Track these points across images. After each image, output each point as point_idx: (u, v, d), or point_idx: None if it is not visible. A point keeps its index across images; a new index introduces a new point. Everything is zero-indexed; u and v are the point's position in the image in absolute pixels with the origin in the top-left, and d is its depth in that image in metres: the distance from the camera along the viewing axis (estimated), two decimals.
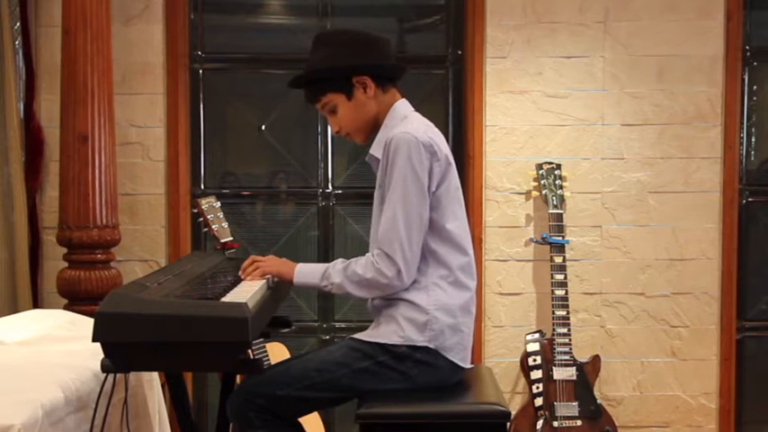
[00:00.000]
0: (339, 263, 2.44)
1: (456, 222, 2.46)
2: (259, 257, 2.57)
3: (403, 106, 2.55)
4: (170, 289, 2.30)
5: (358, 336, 2.47)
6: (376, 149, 2.51)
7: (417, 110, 2.60)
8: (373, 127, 2.55)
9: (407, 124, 2.45)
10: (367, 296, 2.47)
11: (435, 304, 2.41)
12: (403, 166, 2.36)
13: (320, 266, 2.47)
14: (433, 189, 2.41)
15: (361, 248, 2.65)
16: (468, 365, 2.50)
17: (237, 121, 4.24)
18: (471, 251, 2.51)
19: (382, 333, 2.43)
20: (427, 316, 2.40)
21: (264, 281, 2.48)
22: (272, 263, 2.54)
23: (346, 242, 4.17)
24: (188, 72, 4.08)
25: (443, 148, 2.47)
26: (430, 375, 2.42)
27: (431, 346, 2.40)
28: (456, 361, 2.44)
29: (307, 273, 2.48)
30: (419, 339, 2.40)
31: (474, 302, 2.51)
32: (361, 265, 2.39)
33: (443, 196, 2.43)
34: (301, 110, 4.21)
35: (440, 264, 2.43)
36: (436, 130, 2.51)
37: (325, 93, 2.52)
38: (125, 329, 2.08)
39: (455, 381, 2.48)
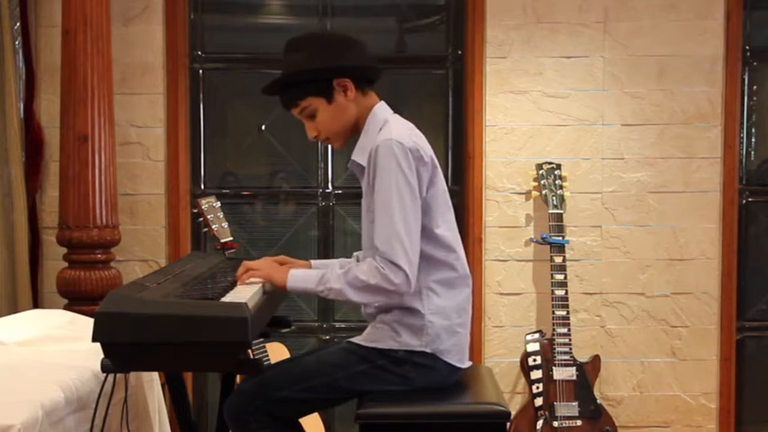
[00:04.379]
0: (336, 268, 2.39)
1: (445, 225, 2.43)
2: (252, 264, 2.49)
3: (382, 110, 2.50)
4: (170, 289, 2.30)
5: (355, 340, 2.47)
6: (359, 156, 2.46)
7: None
8: (353, 131, 2.50)
9: (390, 129, 2.40)
10: (369, 302, 2.41)
11: (430, 309, 2.39)
12: (393, 172, 2.31)
13: (315, 271, 2.41)
14: (423, 194, 2.37)
15: (361, 248, 2.64)
16: (465, 365, 2.49)
17: (237, 121, 4.24)
18: (462, 250, 2.48)
19: (379, 338, 2.42)
20: (423, 321, 2.39)
21: (260, 285, 2.45)
22: (264, 270, 2.46)
23: (346, 242, 4.17)
24: (188, 72, 4.08)
25: (428, 151, 2.42)
26: (428, 378, 2.42)
27: (428, 350, 2.39)
28: (453, 363, 2.44)
29: (301, 277, 2.40)
30: (416, 344, 2.39)
31: (469, 300, 2.50)
32: (363, 271, 2.32)
33: (432, 200, 2.40)
34: None
35: (433, 267, 2.41)
36: (419, 132, 2.46)
37: (303, 96, 2.44)
38: (125, 329, 2.08)
39: (454, 381, 2.48)
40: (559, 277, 3.81)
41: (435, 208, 2.41)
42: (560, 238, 3.85)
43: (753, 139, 4.17)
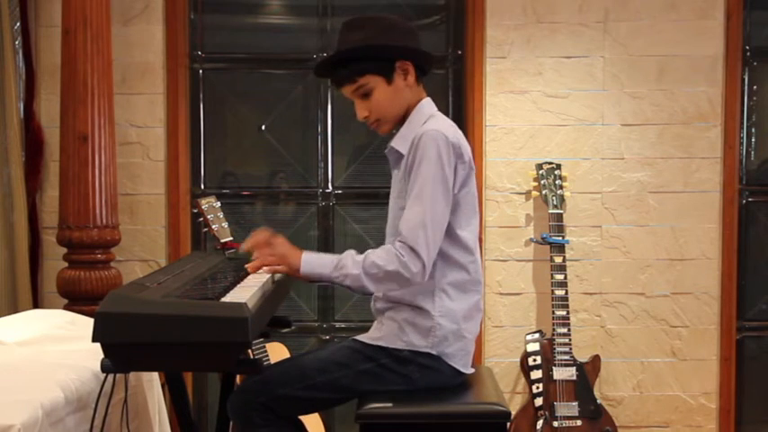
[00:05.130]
0: (353, 253, 2.34)
1: (469, 228, 2.43)
2: (264, 246, 2.37)
3: (429, 105, 2.50)
4: (170, 289, 2.30)
5: (360, 338, 2.46)
6: (399, 143, 2.44)
7: None
8: (402, 118, 2.48)
9: (436, 122, 2.40)
10: (382, 290, 2.39)
11: (441, 310, 2.39)
12: (433, 163, 2.30)
13: (329, 256, 2.35)
14: (455, 191, 2.37)
15: (361, 248, 2.63)
16: (469, 371, 2.49)
17: (237, 121, 4.24)
18: (479, 255, 2.49)
19: (385, 336, 2.41)
20: (432, 322, 2.38)
21: (261, 284, 2.43)
22: (278, 254, 2.35)
23: (346, 242, 4.17)
24: (188, 72, 4.08)
25: (468, 152, 2.42)
26: (431, 379, 2.42)
27: (433, 352, 2.39)
28: (458, 367, 2.44)
29: (316, 263, 2.33)
30: (422, 345, 2.39)
31: (480, 307, 2.49)
32: (381, 257, 2.29)
33: (462, 200, 2.39)
34: (301, 110, 4.22)
35: (449, 268, 2.40)
36: (461, 134, 2.46)
37: (364, 74, 2.40)
38: (125, 329, 2.07)
39: (456, 384, 2.48)
40: (559, 277, 3.81)
41: (463, 208, 2.40)
42: (560, 238, 3.85)
43: (753, 139, 4.17)
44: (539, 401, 3.77)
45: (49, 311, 3.29)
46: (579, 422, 3.76)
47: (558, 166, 3.91)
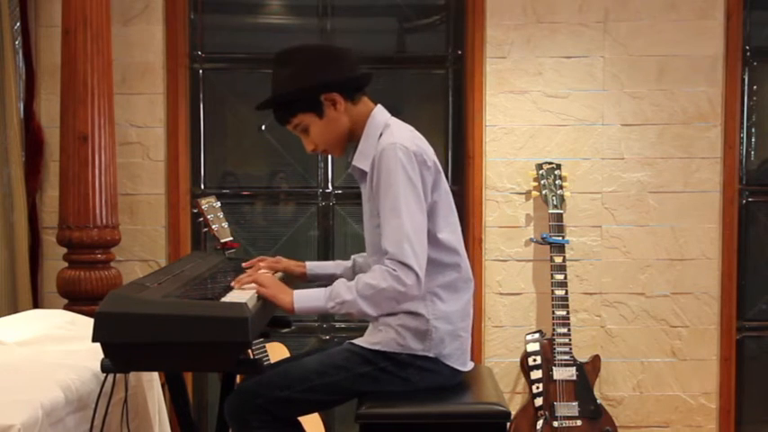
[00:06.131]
0: (344, 281, 2.35)
1: (448, 228, 2.43)
2: (260, 278, 2.40)
3: (381, 114, 2.49)
4: (170, 289, 2.30)
5: (357, 341, 2.46)
6: (360, 161, 2.46)
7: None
8: (349, 139, 2.50)
9: (393, 133, 2.40)
10: (379, 312, 2.35)
11: (435, 314, 2.39)
12: (398, 175, 2.31)
13: (320, 289, 2.35)
14: (428, 199, 2.37)
15: (361, 248, 2.64)
16: (467, 368, 2.49)
17: (237, 121, 4.24)
18: (464, 252, 2.48)
19: (382, 341, 2.41)
20: (427, 326, 2.38)
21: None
22: (272, 290, 2.37)
23: (346, 242, 4.17)
24: (188, 72, 4.08)
25: (431, 155, 2.42)
26: (430, 381, 2.42)
27: (431, 354, 2.40)
28: (456, 366, 2.44)
29: (307, 297, 2.34)
30: (419, 348, 2.39)
31: (471, 303, 2.50)
32: (372, 277, 2.30)
33: (436, 205, 2.40)
34: None
35: (436, 271, 2.40)
36: (420, 135, 2.47)
37: (294, 114, 2.46)
38: (125, 329, 2.07)
39: (456, 383, 2.48)
40: (559, 277, 3.81)
41: (438, 212, 2.40)
42: (560, 238, 3.85)
43: (753, 139, 4.17)
44: (539, 401, 3.77)
45: (49, 311, 3.29)
46: (579, 422, 3.76)
47: (558, 166, 3.91)
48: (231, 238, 3.39)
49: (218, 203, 3.45)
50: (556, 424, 3.75)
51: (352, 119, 2.48)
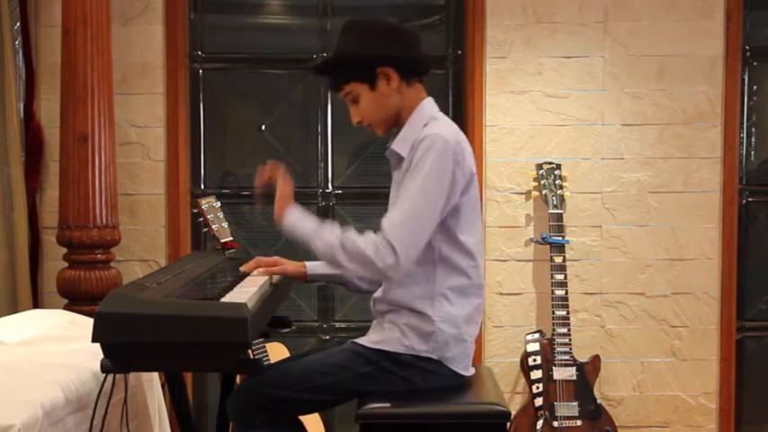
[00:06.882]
0: (336, 226, 2.37)
1: (471, 232, 2.42)
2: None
3: (430, 106, 2.50)
4: (170, 289, 2.30)
5: (360, 341, 2.46)
6: (400, 146, 2.45)
7: None
8: (395, 120, 2.50)
9: (439, 126, 2.40)
10: (351, 269, 2.35)
11: (441, 316, 2.39)
12: (430, 164, 2.31)
13: (313, 220, 2.43)
14: (456, 198, 2.36)
15: None
16: (470, 373, 2.49)
17: (237, 121, 4.24)
18: (482, 261, 2.48)
19: (385, 340, 2.41)
20: (433, 327, 2.38)
21: (260, 285, 2.44)
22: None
23: None
24: (188, 72, 4.08)
25: (468, 158, 2.41)
26: (432, 382, 2.42)
27: (434, 356, 2.39)
28: (458, 370, 2.44)
29: (300, 219, 2.46)
30: (422, 349, 2.39)
31: (481, 310, 2.49)
32: (362, 240, 2.31)
33: (464, 206, 2.39)
34: (301, 110, 4.22)
35: (450, 272, 2.40)
36: (464, 137, 2.46)
37: (347, 81, 2.47)
38: (125, 329, 2.07)
39: (457, 385, 2.48)
40: (559, 277, 3.81)
41: (465, 214, 2.40)
42: (560, 238, 3.85)
43: (753, 139, 4.17)
44: (539, 401, 3.77)
45: (49, 311, 3.29)
46: (579, 422, 3.76)
47: (558, 166, 3.91)
48: (231, 238, 3.39)
49: (218, 203, 3.44)
50: (556, 424, 3.75)
51: (403, 100, 2.47)
